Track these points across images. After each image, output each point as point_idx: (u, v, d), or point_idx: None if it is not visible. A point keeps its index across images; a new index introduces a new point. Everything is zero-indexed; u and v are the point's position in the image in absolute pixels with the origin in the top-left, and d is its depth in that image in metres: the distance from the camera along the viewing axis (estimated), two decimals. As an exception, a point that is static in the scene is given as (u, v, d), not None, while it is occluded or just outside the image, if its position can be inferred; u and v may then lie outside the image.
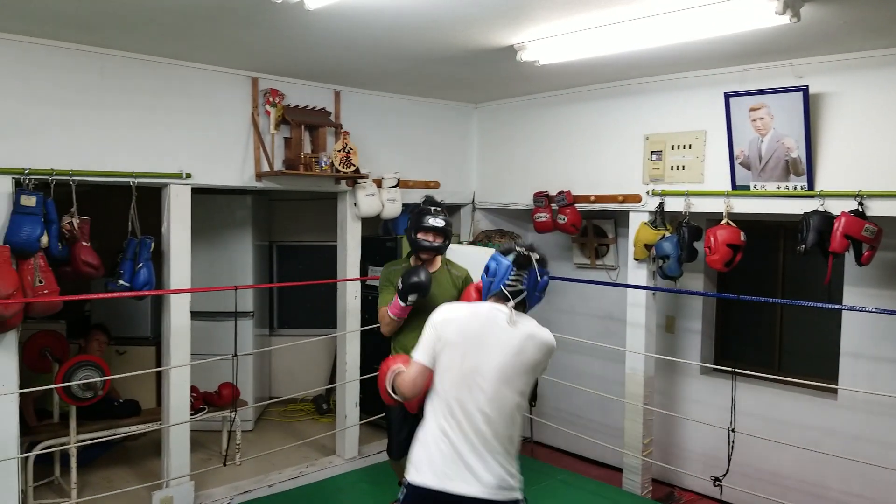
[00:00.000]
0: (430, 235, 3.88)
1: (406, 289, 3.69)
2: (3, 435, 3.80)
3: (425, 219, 3.89)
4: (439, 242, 3.90)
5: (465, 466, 2.48)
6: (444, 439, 2.51)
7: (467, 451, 2.49)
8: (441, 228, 3.88)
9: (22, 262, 3.71)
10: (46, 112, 3.90)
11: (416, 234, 3.90)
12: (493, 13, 3.35)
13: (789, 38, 3.57)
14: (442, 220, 3.90)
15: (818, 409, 4.60)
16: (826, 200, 3.93)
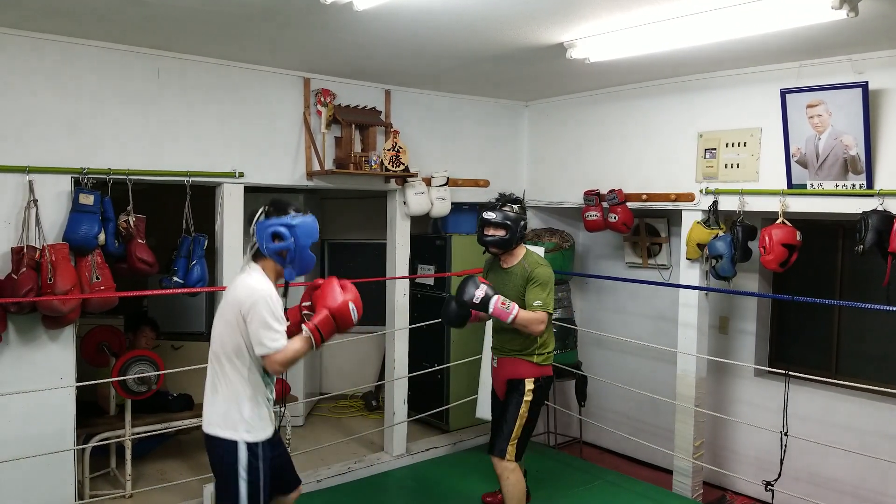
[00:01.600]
0: (489, 229, 3.92)
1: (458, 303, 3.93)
2: (61, 427, 3.95)
3: (482, 213, 3.96)
4: (498, 235, 3.89)
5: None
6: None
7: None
8: (494, 221, 3.87)
9: (80, 259, 3.84)
10: (104, 113, 4.02)
11: (479, 231, 3.99)
12: (541, 11, 3.32)
13: (847, 32, 3.46)
14: (495, 212, 3.89)
15: (877, 414, 4.45)
16: (885, 199, 3.79)
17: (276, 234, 2.87)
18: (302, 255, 2.93)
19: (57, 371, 3.90)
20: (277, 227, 2.86)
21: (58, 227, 3.86)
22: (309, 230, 2.93)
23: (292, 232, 2.88)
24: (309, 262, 2.98)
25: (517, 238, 3.92)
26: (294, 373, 5.90)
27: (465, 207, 5.87)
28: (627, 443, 5.70)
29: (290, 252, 2.89)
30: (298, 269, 2.96)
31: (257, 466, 2.90)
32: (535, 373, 3.91)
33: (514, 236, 3.90)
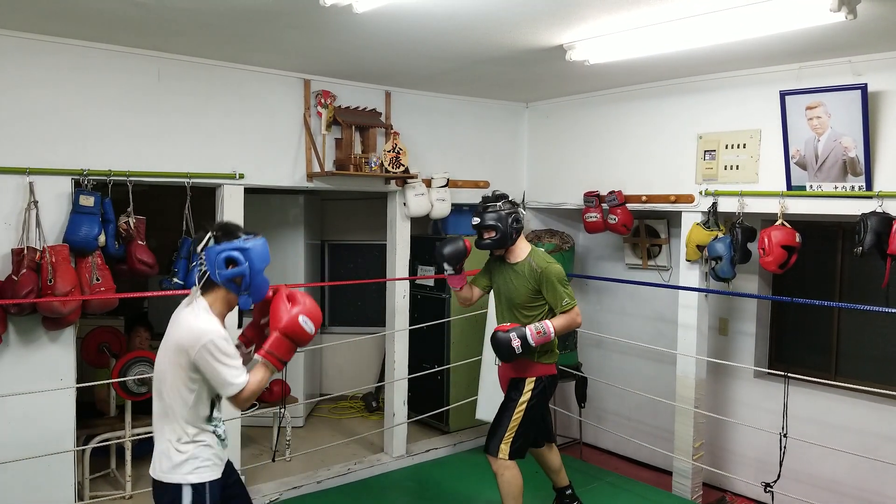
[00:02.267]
0: (483, 233, 3.93)
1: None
2: (61, 428, 3.95)
3: (472, 220, 3.96)
4: (491, 237, 3.87)
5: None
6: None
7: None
8: (481, 225, 3.88)
9: (80, 261, 3.85)
10: (105, 114, 4.03)
11: (477, 237, 3.98)
12: (540, 12, 3.33)
13: (846, 35, 3.46)
14: (480, 217, 3.89)
15: (876, 415, 4.45)
16: (885, 201, 3.80)
17: (230, 260, 2.61)
18: (257, 281, 2.67)
19: (57, 372, 3.90)
20: (230, 252, 2.60)
21: (58, 228, 3.87)
22: (262, 253, 2.70)
23: (246, 256, 2.62)
24: (263, 287, 2.72)
25: (511, 232, 3.86)
26: (294, 374, 5.91)
27: (466, 209, 5.88)
28: (627, 444, 5.71)
29: (245, 278, 2.63)
30: (254, 297, 2.71)
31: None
32: (537, 371, 3.88)
33: (507, 232, 3.85)
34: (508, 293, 3.92)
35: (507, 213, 3.85)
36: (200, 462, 2.65)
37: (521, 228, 3.94)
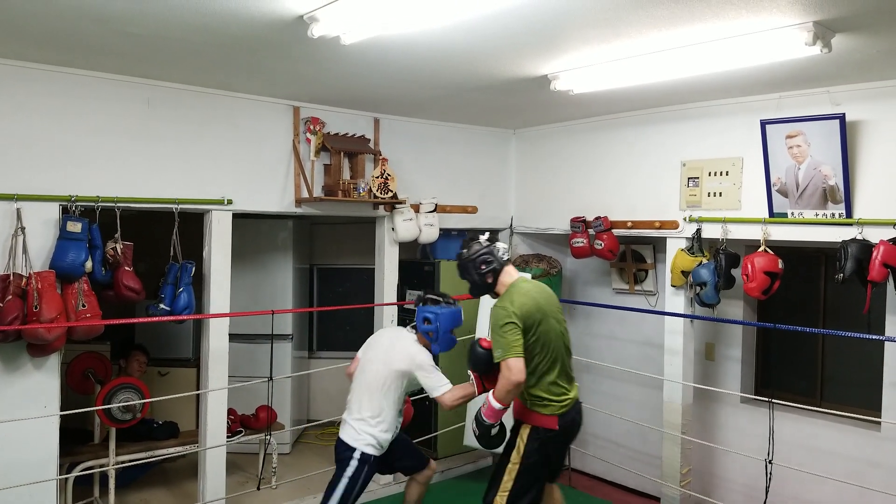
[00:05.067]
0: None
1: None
2: (44, 456, 3.92)
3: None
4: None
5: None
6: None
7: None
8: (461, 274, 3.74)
9: (66, 286, 3.85)
10: (94, 141, 4.06)
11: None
12: (524, 44, 3.38)
13: (824, 66, 3.53)
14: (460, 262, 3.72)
15: (861, 441, 4.46)
16: (864, 228, 3.85)
17: (426, 319, 3.79)
18: (444, 338, 3.79)
19: (41, 399, 3.88)
20: (427, 314, 3.78)
21: (45, 254, 3.87)
22: (450, 319, 3.79)
23: (437, 318, 3.75)
24: (450, 342, 3.83)
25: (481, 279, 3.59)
26: (281, 400, 5.89)
27: (454, 234, 5.91)
28: (617, 470, 5.69)
29: (435, 333, 3.77)
30: (441, 347, 3.81)
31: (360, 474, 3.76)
32: (531, 420, 3.51)
33: (477, 279, 3.60)
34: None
35: (472, 257, 3.59)
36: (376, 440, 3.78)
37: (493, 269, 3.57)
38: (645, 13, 2.87)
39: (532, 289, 3.55)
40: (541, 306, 3.46)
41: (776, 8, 2.73)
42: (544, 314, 3.47)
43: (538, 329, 3.41)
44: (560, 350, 3.53)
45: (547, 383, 3.47)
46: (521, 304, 3.39)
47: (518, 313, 3.34)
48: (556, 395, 3.48)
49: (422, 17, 2.87)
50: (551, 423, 3.46)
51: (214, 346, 4.52)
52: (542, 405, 3.46)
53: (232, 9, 2.87)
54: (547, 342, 3.45)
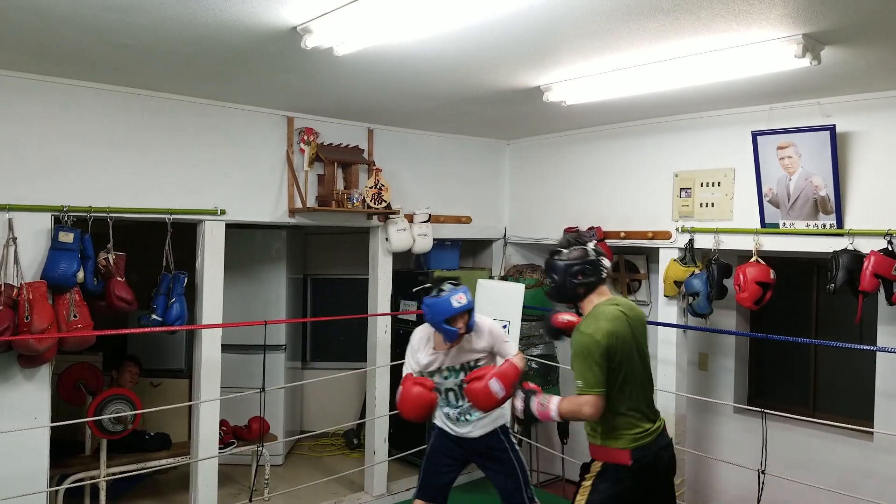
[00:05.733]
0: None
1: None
2: (34, 468, 3.89)
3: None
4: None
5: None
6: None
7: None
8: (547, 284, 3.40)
9: (58, 297, 3.84)
10: (86, 151, 4.05)
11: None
12: (517, 56, 3.40)
13: (814, 78, 3.57)
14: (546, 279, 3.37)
15: (854, 451, 4.47)
16: (855, 239, 3.88)
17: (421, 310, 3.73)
18: (439, 329, 3.59)
19: (31, 411, 3.86)
20: (423, 306, 3.65)
21: (36, 264, 3.86)
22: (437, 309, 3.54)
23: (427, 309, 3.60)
24: (447, 334, 3.57)
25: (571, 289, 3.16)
26: (274, 411, 5.87)
27: (448, 244, 5.92)
28: (609, 480, 5.67)
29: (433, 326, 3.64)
30: (445, 337, 3.60)
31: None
32: (601, 455, 3.12)
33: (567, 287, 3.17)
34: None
35: (566, 264, 3.16)
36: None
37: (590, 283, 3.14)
38: (636, 25, 2.89)
39: (621, 314, 3.10)
40: (628, 333, 3.09)
41: (765, 21, 2.76)
42: (632, 342, 3.11)
43: (624, 363, 3.03)
44: (642, 381, 3.16)
45: (624, 420, 3.06)
46: (608, 331, 3.00)
47: (604, 343, 2.97)
48: (632, 431, 3.06)
49: (414, 28, 2.88)
50: (624, 457, 3.04)
51: (207, 356, 4.51)
52: (615, 437, 3.06)
53: (225, 20, 2.88)
54: (630, 373, 3.06)
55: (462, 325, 3.57)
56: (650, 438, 3.08)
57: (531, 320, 5.65)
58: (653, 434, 3.10)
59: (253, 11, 2.78)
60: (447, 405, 3.78)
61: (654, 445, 3.10)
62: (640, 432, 3.06)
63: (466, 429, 3.76)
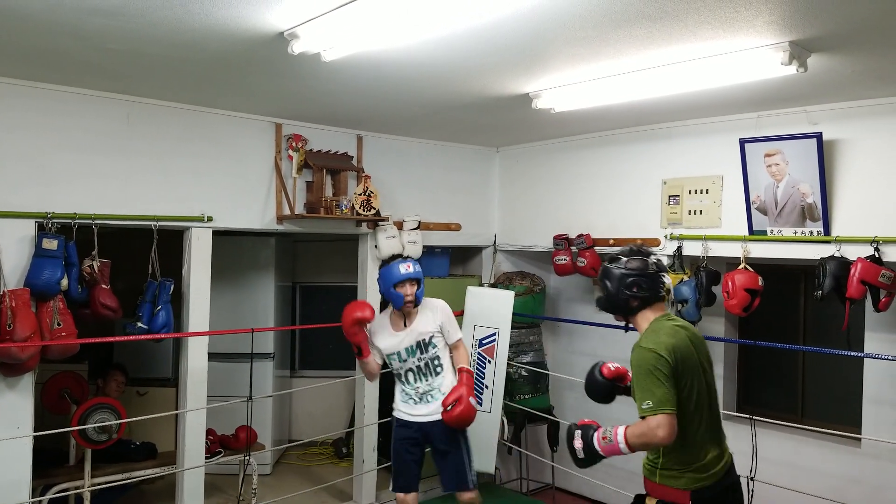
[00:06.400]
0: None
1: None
2: (17, 478, 3.83)
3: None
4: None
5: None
6: None
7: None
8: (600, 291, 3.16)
9: (41, 305, 3.79)
10: (71, 157, 4.02)
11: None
12: (506, 62, 3.40)
13: (801, 86, 3.58)
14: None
15: (842, 457, 4.47)
16: (842, 246, 3.89)
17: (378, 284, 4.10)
18: (387, 294, 3.99)
19: (14, 420, 3.80)
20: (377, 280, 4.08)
21: (20, 271, 3.81)
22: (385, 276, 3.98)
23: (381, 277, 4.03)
24: (394, 299, 3.95)
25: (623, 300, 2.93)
26: (262, 419, 5.83)
27: (438, 251, 5.90)
28: (601, 489, 5.65)
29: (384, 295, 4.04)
30: (394, 304, 3.99)
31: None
32: (657, 493, 2.88)
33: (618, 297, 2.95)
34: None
35: (621, 273, 2.93)
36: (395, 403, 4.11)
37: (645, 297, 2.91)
38: (624, 32, 2.89)
39: (681, 331, 2.87)
40: (691, 351, 2.83)
41: (752, 28, 2.76)
42: (696, 361, 2.83)
43: (686, 383, 2.76)
44: (710, 406, 2.87)
45: (684, 450, 2.79)
46: (671, 346, 2.75)
47: (669, 358, 2.71)
48: (693, 464, 2.78)
49: (402, 34, 2.87)
50: (682, 498, 2.77)
51: (193, 365, 4.47)
52: (673, 476, 2.81)
53: (212, 25, 2.87)
54: (696, 401, 2.79)
55: (409, 293, 3.90)
56: (716, 478, 2.79)
57: (521, 328, 5.63)
58: (719, 472, 2.81)
59: (239, 16, 2.76)
60: (408, 386, 4.01)
61: (719, 486, 2.80)
62: (704, 470, 2.78)
63: (427, 409, 3.97)
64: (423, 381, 3.98)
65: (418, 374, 3.99)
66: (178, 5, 2.65)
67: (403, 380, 4.02)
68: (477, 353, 5.31)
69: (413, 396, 4.00)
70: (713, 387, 2.93)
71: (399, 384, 4.04)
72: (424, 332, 3.97)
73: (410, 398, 4.00)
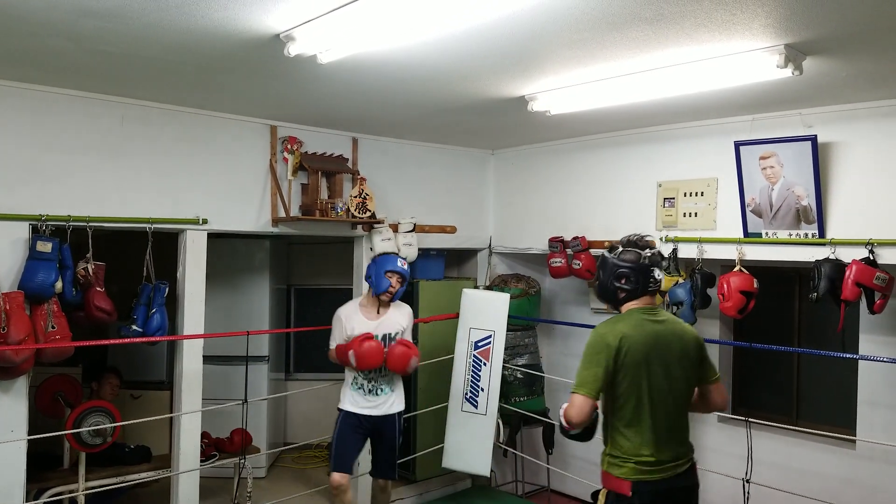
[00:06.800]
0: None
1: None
2: (11, 482, 3.81)
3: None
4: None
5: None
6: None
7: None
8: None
9: (35, 308, 3.77)
10: (66, 159, 4.00)
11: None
12: (501, 65, 3.40)
13: (795, 89, 3.59)
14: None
15: (837, 459, 4.49)
16: (837, 248, 3.90)
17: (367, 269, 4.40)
18: (375, 281, 4.30)
19: (8, 424, 3.78)
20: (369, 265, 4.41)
21: (14, 274, 3.79)
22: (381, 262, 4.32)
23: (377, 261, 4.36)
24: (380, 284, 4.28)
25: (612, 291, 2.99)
26: (257, 422, 5.82)
27: (433, 253, 5.90)
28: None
29: (371, 278, 4.34)
30: (377, 289, 4.30)
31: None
32: (605, 482, 2.96)
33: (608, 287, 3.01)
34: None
35: (613, 263, 3.01)
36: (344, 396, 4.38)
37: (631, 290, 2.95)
38: (620, 35, 2.89)
39: (649, 323, 2.89)
40: (651, 344, 2.85)
41: (748, 31, 2.77)
42: (656, 356, 2.84)
43: (634, 373, 2.81)
44: (660, 406, 2.85)
45: (627, 439, 2.86)
46: (623, 334, 2.81)
47: (613, 345, 2.79)
48: (637, 455, 2.83)
49: (398, 35, 2.87)
50: (624, 487, 2.82)
51: (188, 367, 4.45)
52: (616, 464, 2.88)
53: (207, 27, 2.86)
54: (640, 393, 2.82)
55: (395, 283, 4.27)
56: (661, 475, 2.82)
57: (516, 330, 5.63)
58: (666, 471, 2.83)
59: (236, 18, 2.76)
60: (362, 377, 4.30)
61: (665, 484, 2.82)
62: (649, 465, 2.81)
63: (376, 402, 4.31)
64: (377, 375, 4.30)
65: (375, 369, 4.27)
66: (174, 7, 2.65)
67: (360, 371, 4.27)
68: (472, 355, 5.30)
69: (364, 387, 4.29)
70: (679, 389, 2.90)
71: (352, 373, 4.30)
72: (395, 325, 4.37)
73: (361, 388, 4.29)
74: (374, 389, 4.31)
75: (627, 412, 2.83)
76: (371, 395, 4.31)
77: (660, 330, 2.89)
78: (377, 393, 4.31)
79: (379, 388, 4.32)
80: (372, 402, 4.31)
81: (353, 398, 4.32)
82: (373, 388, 4.31)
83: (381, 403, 4.33)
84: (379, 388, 4.32)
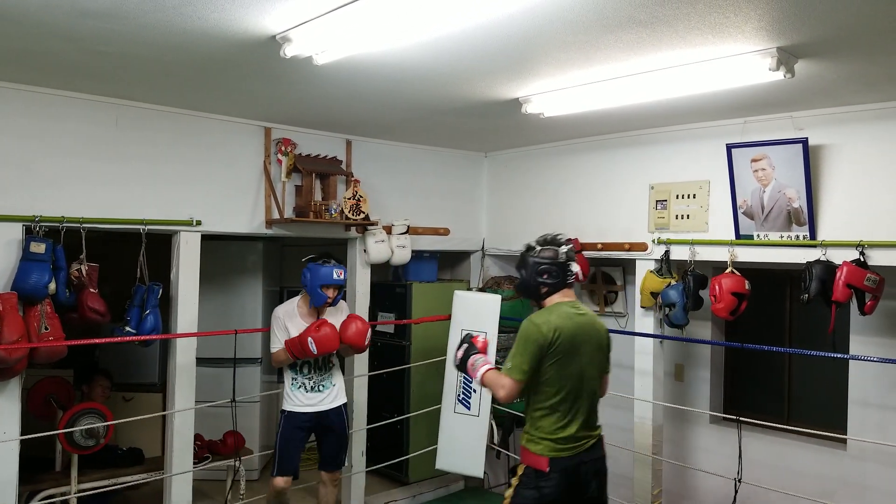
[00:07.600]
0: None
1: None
2: (2, 484, 3.79)
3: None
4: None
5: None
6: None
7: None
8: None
9: (28, 309, 3.75)
10: (59, 160, 3.99)
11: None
12: (496, 67, 3.42)
13: (787, 91, 3.62)
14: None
15: (828, 459, 4.53)
16: (828, 250, 3.94)
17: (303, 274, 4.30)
18: (312, 293, 4.25)
19: (0, 425, 3.77)
20: (304, 270, 4.28)
21: (7, 275, 3.78)
22: (316, 275, 4.22)
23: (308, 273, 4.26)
24: (317, 298, 4.25)
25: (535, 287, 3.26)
26: (250, 424, 5.81)
27: (426, 255, 5.91)
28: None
29: (307, 287, 4.27)
30: (314, 301, 4.27)
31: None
32: (523, 458, 3.18)
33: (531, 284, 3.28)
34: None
35: (534, 261, 3.27)
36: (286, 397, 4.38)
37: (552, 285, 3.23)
38: (614, 37, 2.92)
39: (575, 316, 3.17)
40: (577, 335, 3.11)
41: (741, 34, 2.80)
42: (579, 346, 3.11)
43: (560, 361, 3.06)
44: (579, 391, 3.12)
45: (547, 420, 3.09)
46: (555, 326, 3.06)
47: (548, 336, 3.03)
48: (554, 434, 3.07)
49: (394, 37, 2.87)
50: (542, 463, 3.06)
51: (181, 368, 4.45)
52: (534, 441, 3.11)
53: (204, 28, 2.86)
54: (565, 379, 3.07)
55: (331, 295, 4.26)
56: (575, 451, 3.10)
57: (508, 331, 5.64)
58: (581, 447, 3.12)
59: (232, 20, 2.76)
60: (302, 375, 4.35)
61: (577, 458, 3.11)
62: (565, 441, 3.08)
63: (320, 398, 4.34)
64: (317, 373, 4.35)
65: (314, 366, 4.34)
66: (171, 8, 2.65)
67: (298, 370, 4.34)
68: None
69: (306, 385, 4.33)
70: (594, 377, 3.21)
71: (292, 373, 4.34)
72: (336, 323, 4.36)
73: (303, 387, 4.32)
74: (315, 386, 4.35)
75: (551, 395, 3.08)
76: (314, 392, 4.34)
77: (583, 322, 3.19)
78: (320, 389, 4.35)
79: (321, 383, 4.36)
80: (316, 398, 4.34)
81: (297, 398, 4.33)
82: (314, 384, 4.35)
83: (325, 398, 4.36)
84: (321, 383, 4.36)
